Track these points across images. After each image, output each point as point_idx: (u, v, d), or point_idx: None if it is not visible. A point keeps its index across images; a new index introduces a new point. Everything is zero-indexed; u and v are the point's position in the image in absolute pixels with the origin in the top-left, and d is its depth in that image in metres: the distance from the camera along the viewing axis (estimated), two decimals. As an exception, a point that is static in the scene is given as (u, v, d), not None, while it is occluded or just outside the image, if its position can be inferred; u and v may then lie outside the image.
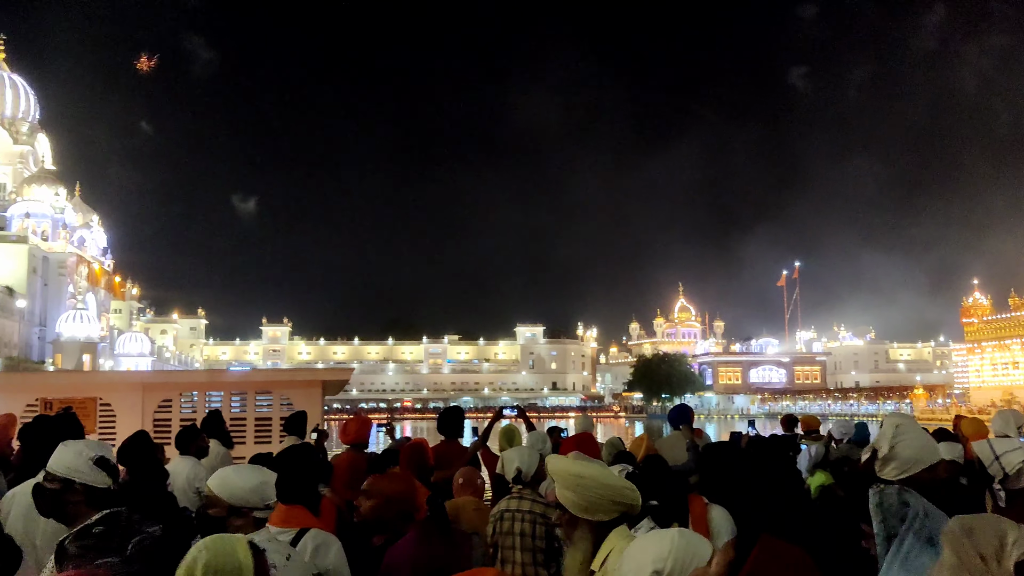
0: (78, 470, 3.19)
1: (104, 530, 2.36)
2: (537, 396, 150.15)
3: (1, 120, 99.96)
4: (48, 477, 3.22)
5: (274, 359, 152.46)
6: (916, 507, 2.78)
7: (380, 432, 14.65)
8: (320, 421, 11.46)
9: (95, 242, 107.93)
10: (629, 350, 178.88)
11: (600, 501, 2.72)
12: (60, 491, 3.18)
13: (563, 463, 2.84)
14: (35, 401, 10.94)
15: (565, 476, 2.76)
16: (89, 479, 3.17)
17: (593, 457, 5.07)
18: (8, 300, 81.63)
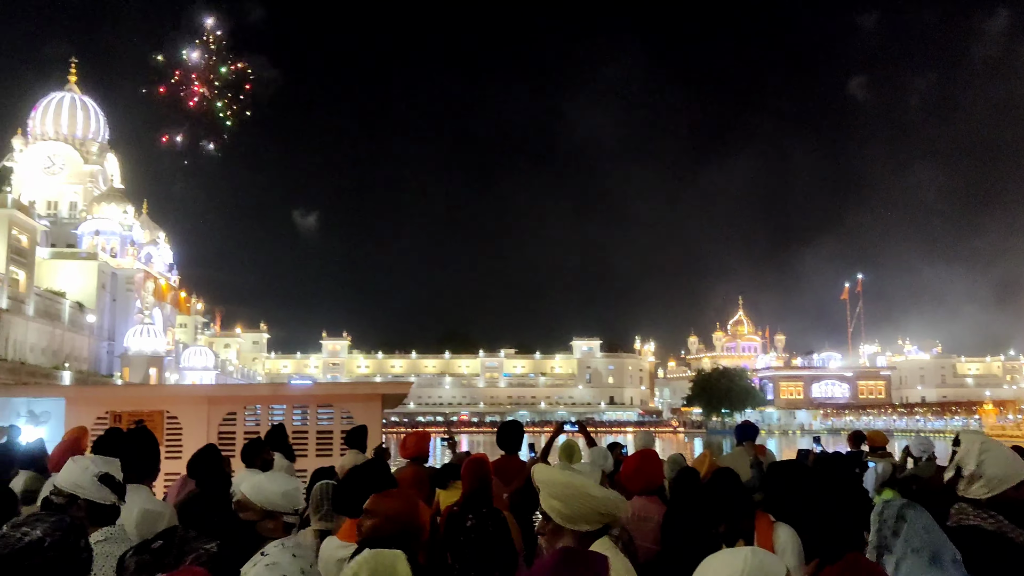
0: (82, 486, 3.27)
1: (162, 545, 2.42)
2: (594, 411, 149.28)
3: (72, 141, 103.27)
4: (55, 491, 3.30)
5: (333, 372, 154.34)
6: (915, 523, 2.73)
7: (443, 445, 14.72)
8: (379, 435, 11.58)
9: (161, 258, 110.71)
10: (688, 364, 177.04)
11: (585, 511, 2.74)
12: (65, 506, 3.25)
13: (550, 473, 2.87)
14: (105, 414, 11.23)
15: (552, 485, 2.79)
16: (92, 495, 3.26)
17: (656, 475, 5.02)
18: (79, 315, 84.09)
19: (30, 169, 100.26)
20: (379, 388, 13.46)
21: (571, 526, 2.76)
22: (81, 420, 10.82)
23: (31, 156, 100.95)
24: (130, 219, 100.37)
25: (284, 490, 3.63)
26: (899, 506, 2.83)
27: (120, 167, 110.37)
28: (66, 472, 3.34)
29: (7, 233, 70.95)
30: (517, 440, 6.81)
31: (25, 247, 74.83)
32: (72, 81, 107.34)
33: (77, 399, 12.29)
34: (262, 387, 29.95)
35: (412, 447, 6.31)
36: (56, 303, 79.53)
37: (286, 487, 3.65)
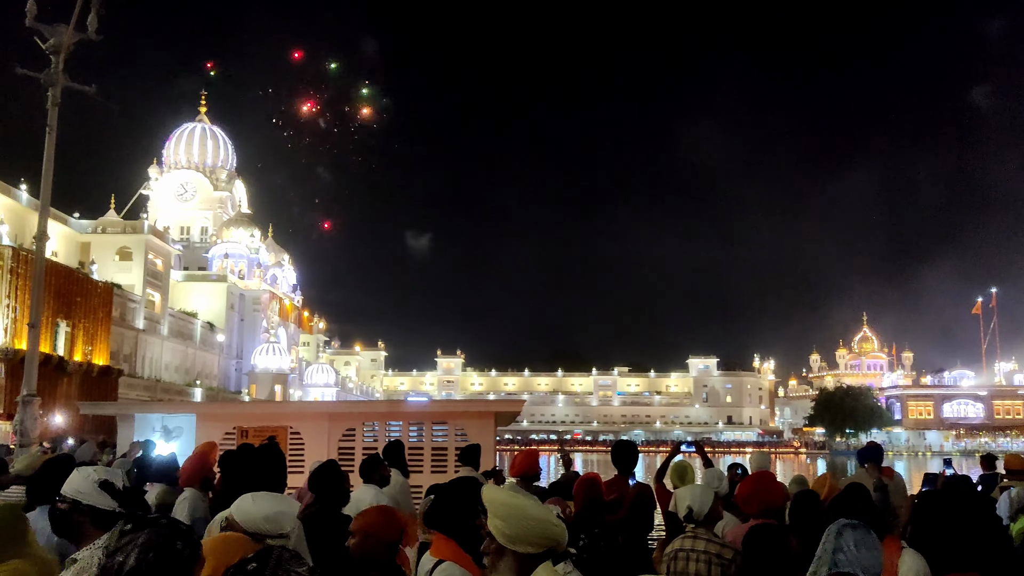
0: (84, 492, 3.37)
1: (256, 567, 2.49)
2: (711, 430, 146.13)
3: (203, 169, 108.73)
4: (60, 498, 3.45)
5: (448, 390, 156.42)
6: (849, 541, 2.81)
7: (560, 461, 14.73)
8: (493, 452, 11.66)
9: (285, 279, 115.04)
10: (810, 383, 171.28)
11: (527, 533, 2.75)
12: (69, 512, 3.36)
13: (495, 492, 2.90)
14: (232, 429, 11.74)
15: (496, 505, 2.81)
16: (94, 501, 3.35)
17: (774, 498, 4.88)
18: (209, 334, 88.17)
19: (164, 196, 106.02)
20: (492, 406, 13.63)
21: (513, 547, 2.77)
22: (210, 435, 11.35)
23: (165, 184, 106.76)
24: (256, 242, 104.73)
25: (266, 514, 3.56)
26: (840, 525, 2.89)
27: (247, 193, 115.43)
28: (71, 480, 3.46)
29: (144, 257, 75.08)
30: (631, 460, 6.73)
31: (160, 270, 79.01)
32: (202, 112, 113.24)
33: (207, 415, 12.90)
34: (379, 404, 30.70)
35: (521, 465, 6.35)
36: (189, 323, 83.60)
37: (270, 510, 3.58)
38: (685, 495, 4.60)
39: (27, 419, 11.38)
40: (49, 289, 37.22)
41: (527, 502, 2.86)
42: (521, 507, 2.80)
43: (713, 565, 4.27)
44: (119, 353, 62.53)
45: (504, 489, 3.06)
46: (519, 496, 2.91)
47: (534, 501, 2.94)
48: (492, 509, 2.83)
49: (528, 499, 2.92)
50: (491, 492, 2.91)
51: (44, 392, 32.62)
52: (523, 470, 6.39)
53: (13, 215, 59.88)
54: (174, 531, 2.38)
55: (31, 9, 11.85)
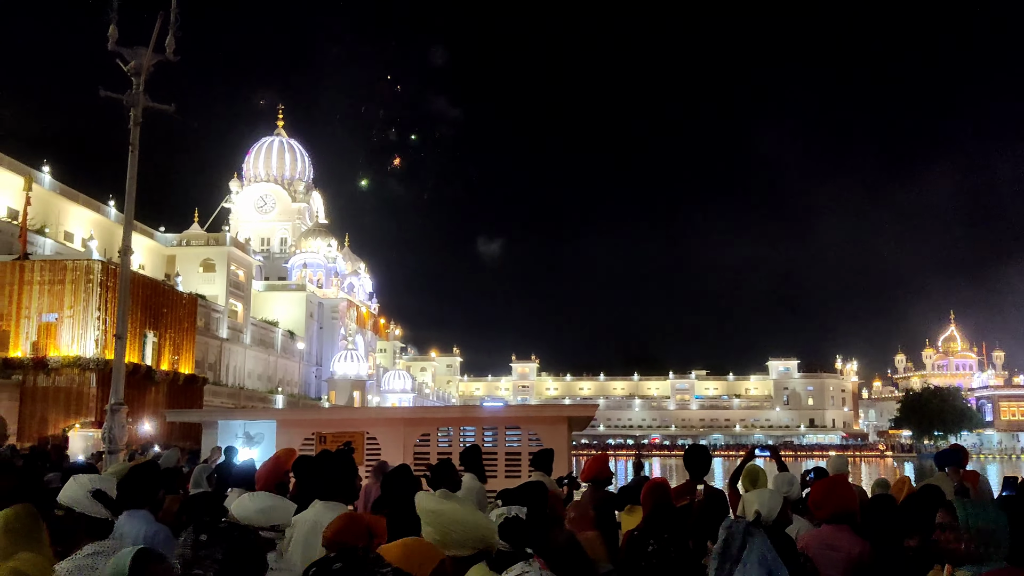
0: (78, 501, 3.50)
1: (342, 567, 2.55)
2: (793, 433, 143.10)
3: (281, 181, 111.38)
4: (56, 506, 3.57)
5: (523, 394, 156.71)
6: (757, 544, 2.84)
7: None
8: (567, 457, 11.65)
9: (362, 288, 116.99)
10: (895, 384, 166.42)
11: (457, 537, 2.87)
12: (63, 518, 3.52)
13: (425, 500, 3.02)
14: (311, 435, 12.01)
15: (424, 512, 2.95)
16: (87, 510, 3.49)
17: (847, 503, 4.75)
18: (290, 343, 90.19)
19: (245, 209, 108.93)
20: (565, 411, 13.62)
21: (446, 551, 2.88)
22: (291, 441, 11.64)
23: (245, 197, 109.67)
24: (334, 252, 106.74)
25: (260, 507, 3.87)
26: (745, 525, 2.94)
27: (324, 203, 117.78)
28: (66, 488, 3.60)
29: (226, 268, 77.23)
30: (704, 464, 6.60)
31: (242, 281, 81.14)
32: (280, 126, 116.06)
33: (286, 421, 13.21)
34: (453, 409, 30.87)
35: (591, 470, 6.34)
36: (270, 332, 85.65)
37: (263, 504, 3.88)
38: (753, 499, 4.53)
39: (115, 427, 11.83)
40: (137, 301, 38.58)
41: (452, 507, 2.96)
42: (445, 513, 2.91)
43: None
44: (204, 362, 64.36)
45: (433, 496, 3.12)
46: (446, 503, 3.02)
47: (462, 506, 3.03)
48: (422, 516, 2.95)
49: (456, 504, 3.01)
50: (420, 500, 3.03)
51: (133, 401, 33.83)
52: (594, 474, 6.38)
53: (102, 230, 62.33)
54: (247, 541, 2.45)
55: (112, 34, 12.36)
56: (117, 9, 12.58)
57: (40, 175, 56.01)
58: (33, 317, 37.40)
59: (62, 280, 37.55)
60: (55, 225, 56.65)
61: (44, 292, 37.50)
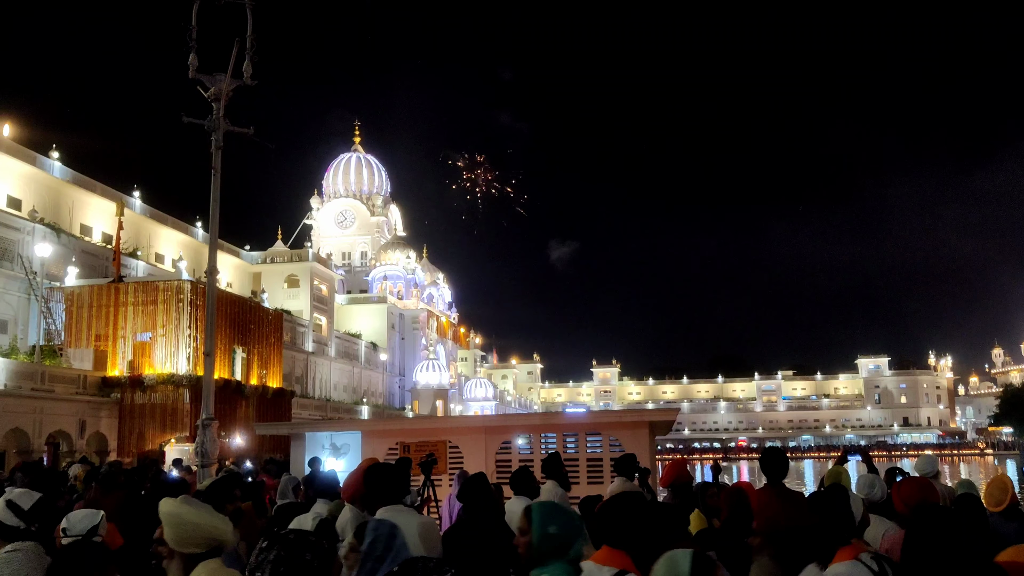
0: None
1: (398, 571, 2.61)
2: (886, 433, 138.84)
3: (360, 196, 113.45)
4: None
5: (605, 400, 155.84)
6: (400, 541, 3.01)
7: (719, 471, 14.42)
8: (651, 462, 11.56)
9: (441, 298, 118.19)
10: (993, 379, 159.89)
11: (188, 536, 3.22)
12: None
13: (165, 504, 3.33)
14: (395, 445, 12.20)
15: (164, 515, 3.29)
16: (3, 517, 4.10)
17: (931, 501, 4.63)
18: (373, 354, 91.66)
19: (326, 224, 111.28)
20: (645, 415, 13.51)
21: (180, 549, 3.22)
22: (375, 451, 11.85)
23: (326, 213, 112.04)
24: (412, 263, 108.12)
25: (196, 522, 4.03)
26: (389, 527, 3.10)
27: (401, 216, 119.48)
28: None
29: (310, 283, 78.98)
30: (781, 467, 6.49)
31: (325, 295, 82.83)
32: (357, 142, 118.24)
33: (371, 432, 13.45)
34: (534, 416, 30.95)
35: (669, 475, 6.31)
36: (353, 344, 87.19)
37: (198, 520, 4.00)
38: None
39: (206, 441, 12.23)
40: (225, 318, 39.78)
41: (184, 510, 3.29)
42: (179, 515, 3.27)
43: (866, 574, 4.10)
44: (291, 375, 65.87)
45: (173, 501, 3.40)
46: (184, 506, 3.34)
47: (198, 509, 3.34)
48: (162, 519, 3.30)
49: (192, 508, 3.34)
50: (161, 505, 3.35)
51: (224, 415, 34.88)
52: (673, 479, 6.35)
53: (191, 251, 64.49)
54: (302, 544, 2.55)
55: (192, 63, 12.83)
56: (196, 38, 13.06)
57: (131, 200, 58.26)
58: (129, 337, 38.89)
59: (154, 300, 38.97)
60: (146, 248, 58.82)
61: (138, 313, 38.99)
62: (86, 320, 39.17)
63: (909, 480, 5.04)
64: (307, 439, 12.68)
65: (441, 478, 11.22)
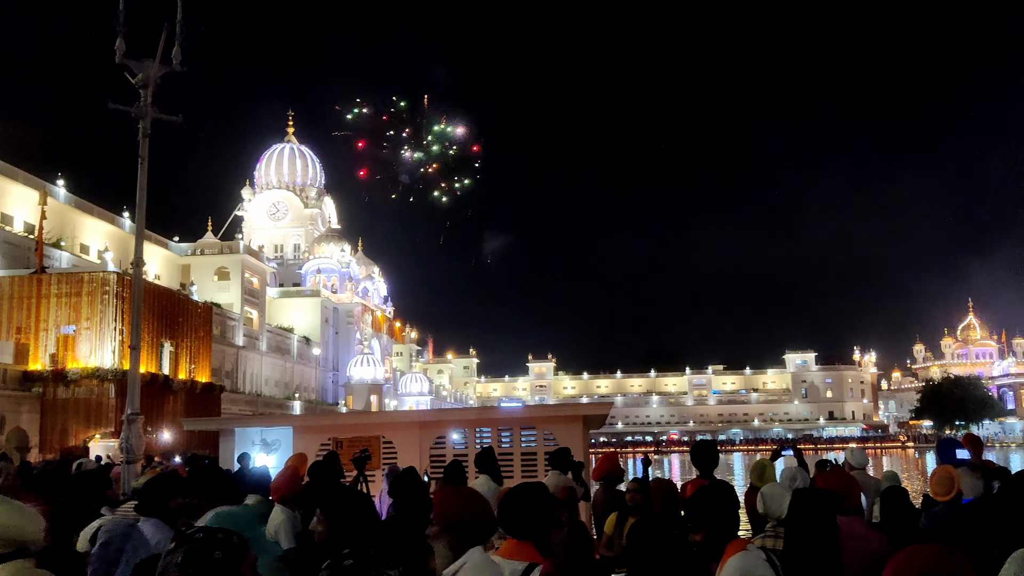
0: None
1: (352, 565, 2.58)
2: (812, 427, 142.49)
3: (293, 187, 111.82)
4: None
5: (540, 394, 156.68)
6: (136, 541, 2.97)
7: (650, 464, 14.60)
8: (584, 455, 11.65)
9: (377, 292, 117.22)
10: (914, 374, 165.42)
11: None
12: None
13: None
14: (327, 441, 12.05)
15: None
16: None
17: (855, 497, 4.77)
18: (306, 348, 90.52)
19: (257, 216, 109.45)
20: (579, 410, 13.58)
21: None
22: (307, 447, 11.68)
23: (258, 204, 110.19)
24: (347, 257, 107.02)
25: None
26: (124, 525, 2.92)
27: (336, 209, 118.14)
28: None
29: (241, 276, 77.62)
30: (711, 460, 6.61)
31: (257, 288, 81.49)
32: (290, 133, 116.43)
33: (303, 428, 13.26)
34: (468, 411, 30.90)
35: (601, 469, 6.35)
36: (285, 338, 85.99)
37: None
38: (762, 494, 4.57)
39: (132, 437, 11.91)
40: (152, 311, 38.83)
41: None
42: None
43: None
44: (221, 370, 64.70)
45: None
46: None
47: (9, 507, 3.31)
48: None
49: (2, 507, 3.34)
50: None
51: (151, 410, 34.05)
52: (605, 473, 6.40)
53: (117, 242, 62.79)
54: (211, 542, 2.45)
55: (119, 47, 12.45)
56: (123, 22, 12.68)
57: (55, 189, 56.47)
58: (51, 330, 37.70)
59: (79, 292, 37.83)
60: (71, 238, 57.09)
61: (62, 305, 37.80)
62: (6, 312, 37.85)
63: (832, 471, 5.18)
64: (236, 435, 12.45)
65: (375, 474, 11.13)
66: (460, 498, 3.71)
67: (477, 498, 3.78)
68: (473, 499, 3.74)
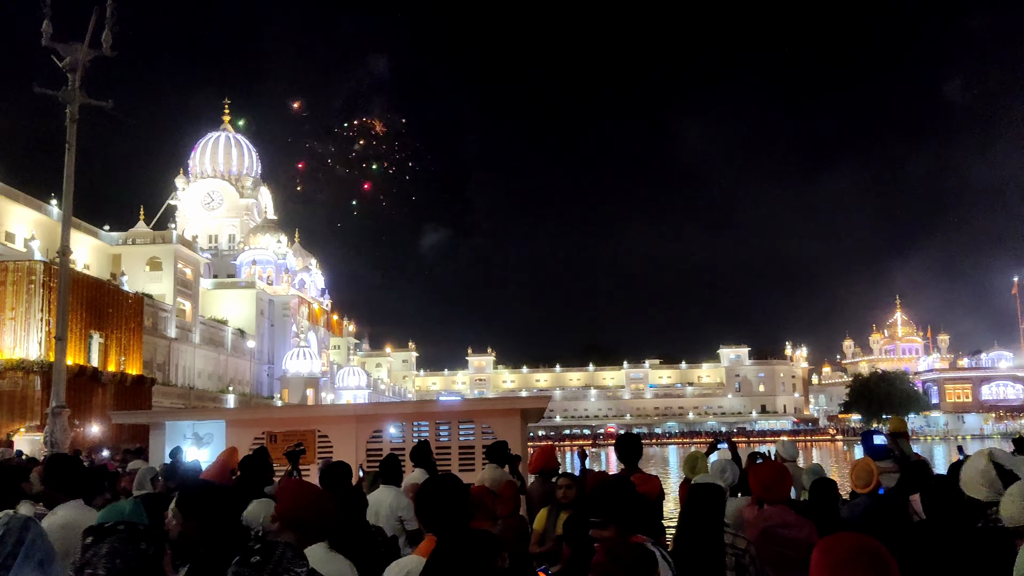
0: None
1: (259, 562, 2.55)
2: (745, 420, 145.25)
3: (228, 177, 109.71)
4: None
5: (480, 388, 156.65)
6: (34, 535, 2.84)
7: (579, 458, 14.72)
8: (523, 449, 11.69)
9: (314, 284, 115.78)
10: (844, 369, 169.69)
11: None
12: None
13: None
14: (261, 435, 11.87)
15: None
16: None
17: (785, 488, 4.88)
18: (240, 341, 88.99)
19: (192, 206, 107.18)
20: (518, 403, 13.64)
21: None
22: (240, 441, 11.48)
23: (192, 193, 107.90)
24: (283, 248, 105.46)
25: None
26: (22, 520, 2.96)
27: (273, 199, 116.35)
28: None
29: (173, 267, 75.99)
30: (635, 453, 6.68)
31: (190, 279, 79.88)
32: (226, 121, 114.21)
33: (236, 421, 13.03)
34: (406, 405, 30.81)
35: (538, 462, 6.38)
36: (219, 330, 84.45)
37: None
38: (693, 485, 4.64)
39: (57, 430, 11.58)
40: (80, 302, 37.79)
41: None
42: None
43: (727, 555, 4.27)
44: (152, 362, 63.31)
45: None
46: None
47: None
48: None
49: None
50: None
51: (79, 403, 33.17)
52: (541, 466, 6.42)
53: (45, 230, 60.87)
54: (135, 534, 2.44)
55: (46, 30, 12.04)
56: (50, 3, 12.27)
57: (-23, 174, 54.56)
58: (-27, 320, 36.50)
59: (3, 281, 36.72)
60: (-6, 225, 55.26)
61: (-16, 294, 36.63)
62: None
63: (764, 463, 5.29)
64: (168, 428, 12.21)
65: (310, 468, 11.01)
66: (303, 494, 3.69)
67: (320, 494, 3.78)
68: (316, 495, 3.73)
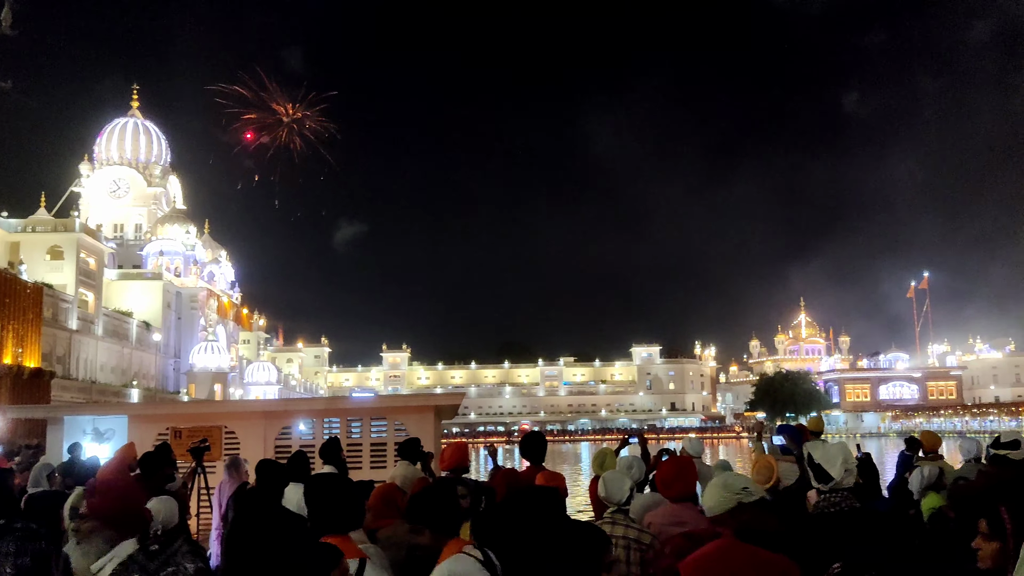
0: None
1: (156, 551, 2.58)
2: (655, 417, 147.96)
3: (136, 164, 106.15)
4: None
5: (394, 384, 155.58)
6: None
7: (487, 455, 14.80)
8: (436, 446, 11.66)
9: (224, 276, 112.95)
10: (750, 368, 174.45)
11: None
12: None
13: None
14: (166, 430, 11.55)
15: None
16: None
17: (689, 484, 5.00)
18: (145, 334, 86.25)
19: (97, 193, 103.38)
20: (432, 400, 13.58)
21: None
22: (143, 436, 11.15)
23: (97, 181, 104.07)
24: (192, 239, 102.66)
25: None
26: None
27: (182, 188, 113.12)
28: None
29: (76, 256, 73.19)
30: (540, 450, 6.78)
31: (93, 269, 77.07)
32: (135, 107, 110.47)
33: (139, 416, 12.66)
34: (317, 401, 30.40)
35: (449, 459, 6.37)
36: (124, 323, 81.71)
37: None
38: (603, 480, 4.71)
39: (-55, 426, 11.03)
40: (-26, 291, 36.10)
41: None
42: None
43: (632, 550, 4.34)
44: (52, 355, 60.92)
45: None
46: None
47: None
48: None
49: None
50: None
51: (-30, 397, 31.67)
52: (453, 464, 6.42)
53: (-65, 215, 57.93)
54: (33, 533, 2.50)
55: (-62, 2, 11.43)
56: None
57: None
58: None
59: None
60: None
61: None
62: None
63: (670, 460, 5.41)
64: (66, 423, 11.78)
65: (215, 465, 10.77)
66: (115, 495, 3.66)
67: (132, 493, 3.75)
68: (127, 495, 3.71)
